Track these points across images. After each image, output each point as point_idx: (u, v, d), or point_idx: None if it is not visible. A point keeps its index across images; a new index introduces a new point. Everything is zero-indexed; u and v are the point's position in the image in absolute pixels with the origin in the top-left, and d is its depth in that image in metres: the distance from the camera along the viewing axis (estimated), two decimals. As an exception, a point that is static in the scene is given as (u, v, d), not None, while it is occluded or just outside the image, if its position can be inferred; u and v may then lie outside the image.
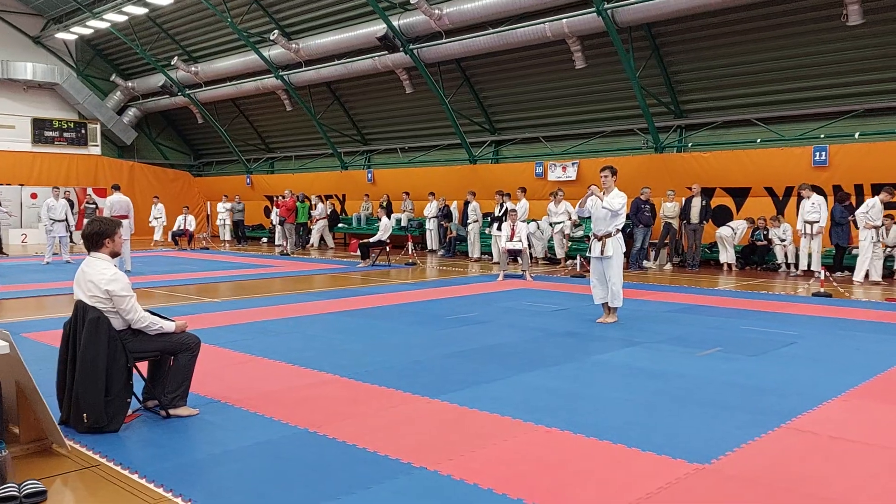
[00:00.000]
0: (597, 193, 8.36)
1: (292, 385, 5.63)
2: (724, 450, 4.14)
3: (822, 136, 14.90)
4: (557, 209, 16.53)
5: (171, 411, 4.72)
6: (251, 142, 28.36)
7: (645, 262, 15.65)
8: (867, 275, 12.71)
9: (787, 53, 14.84)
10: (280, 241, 21.70)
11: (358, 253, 16.99)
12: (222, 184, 28.67)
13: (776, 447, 4.22)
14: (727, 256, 14.98)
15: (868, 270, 12.86)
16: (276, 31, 21.29)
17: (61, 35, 26.07)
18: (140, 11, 22.44)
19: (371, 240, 16.60)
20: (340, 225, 23.50)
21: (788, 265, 14.45)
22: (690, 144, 16.98)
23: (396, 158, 23.49)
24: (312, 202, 22.74)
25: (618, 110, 17.93)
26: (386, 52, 19.33)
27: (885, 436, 4.42)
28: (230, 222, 25.26)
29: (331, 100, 23.45)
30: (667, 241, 15.93)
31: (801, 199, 13.64)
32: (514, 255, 14.08)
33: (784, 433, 4.47)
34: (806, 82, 15.07)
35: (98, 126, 28.03)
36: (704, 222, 15.18)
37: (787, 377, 5.85)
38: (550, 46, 17.35)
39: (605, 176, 8.43)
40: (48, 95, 27.44)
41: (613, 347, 7.10)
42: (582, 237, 16.27)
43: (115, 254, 4.79)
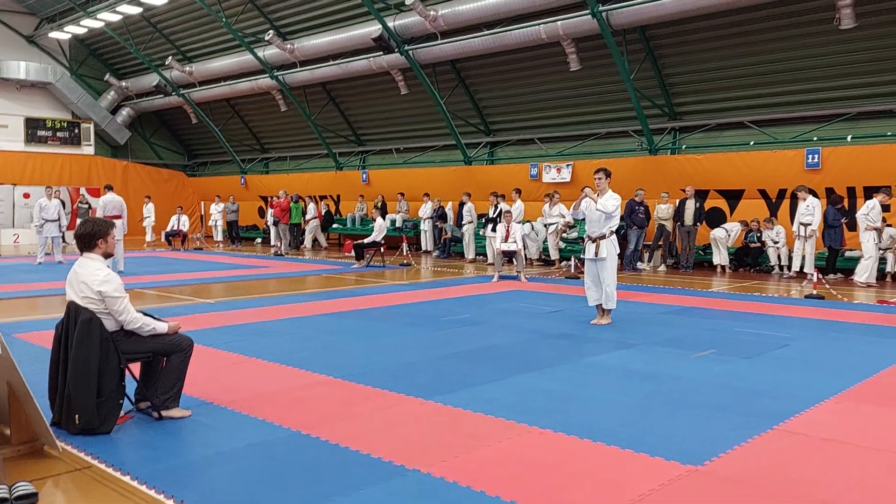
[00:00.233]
0: (591, 195, 8.38)
1: (286, 386, 5.61)
2: (718, 451, 4.15)
3: (815, 139, 14.96)
4: (552, 211, 16.55)
5: (164, 413, 4.70)
6: (246, 142, 28.31)
7: (639, 264, 15.68)
8: (878, 276, 12.73)
9: (781, 57, 14.90)
10: (274, 242, 21.67)
11: (352, 254, 16.97)
12: (216, 184, 28.61)
13: (769, 449, 4.23)
14: (721, 258, 15.03)
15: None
16: (271, 32, 21.25)
17: (55, 34, 25.96)
18: (134, 11, 22.37)
19: (366, 241, 16.59)
20: (335, 226, 23.48)
21: (781, 267, 14.49)
22: (684, 146, 17.03)
23: (391, 159, 23.48)
24: (305, 203, 22.73)
25: (612, 112, 17.96)
26: (381, 53, 19.31)
27: (877, 438, 4.43)
28: (222, 223, 25.20)
29: (326, 100, 23.44)
30: (660, 243, 15.96)
31: (798, 201, 13.69)
32: (509, 257, 14.09)
33: (777, 435, 4.48)
34: (799, 85, 15.13)
35: (91, 126, 27.93)
36: (698, 224, 15.23)
37: (781, 379, 5.87)
38: (545, 48, 17.38)
39: (599, 178, 8.44)
40: (41, 95, 27.34)
41: (608, 349, 7.11)
42: (576, 239, 16.30)
43: (108, 254, 4.77)
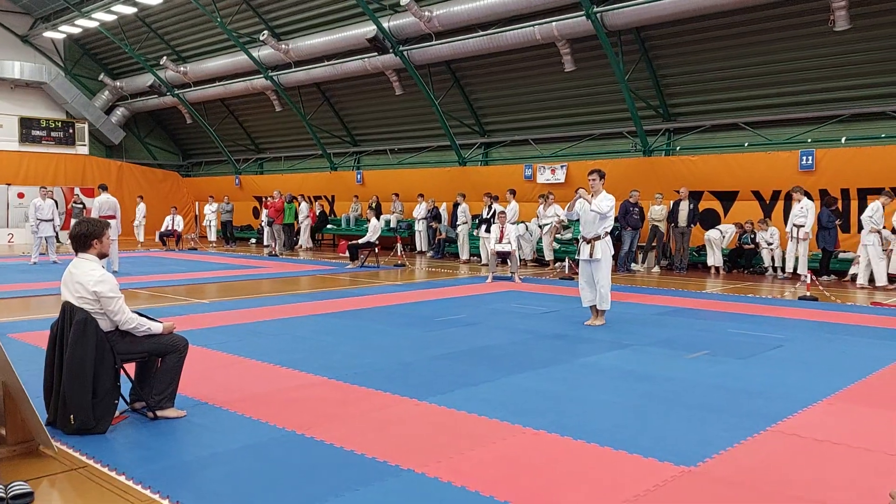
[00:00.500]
0: (585, 196, 8.40)
1: (280, 387, 5.62)
2: (711, 452, 4.17)
3: (809, 141, 15.02)
4: (547, 212, 16.57)
5: (159, 413, 4.70)
6: (240, 142, 28.27)
7: (633, 265, 15.72)
8: (870, 278, 12.76)
9: (775, 58, 14.95)
10: (268, 242, 21.64)
11: (347, 254, 16.97)
12: (211, 184, 28.56)
13: (763, 450, 4.25)
14: (715, 259, 15.08)
15: (857, 274, 12.97)
16: (266, 32, 21.24)
17: (49, 34, 25.89)
18: (129, 11, 22.31)
19: (360, 241, 16.57)
20: (329, 226, 23.46)
21: (775, 269, 14.54)
22: (679, 148, 17.08)
23: (386, 160, 23.48)
24: (298, 203, 22.72)
25: (607, 113, 18.00)
26: (376, 54, 19.32)
27: (870, 438, 4.46)
28: (216, 223, 25.14)
29: (320, 101, 23.42)
30: (654, 244, 16.01)
31: (792, 203, 13.75)
32: (504, 257, 14.11)
33: (770, 436, 4.50)
34: (793, 87, 15.18)
35: (86, 125, 27.85)
36: (692, 225, 15.27)
37: (774, 380, 5.90)
38: (540, 49, 17.40)
39: (594, 179, 8.46)
40: (36, 94, 27.25)
41: (602, 350, 7.12)
42: (570, 240, 16.32)
43: (103, 255, 4.77)
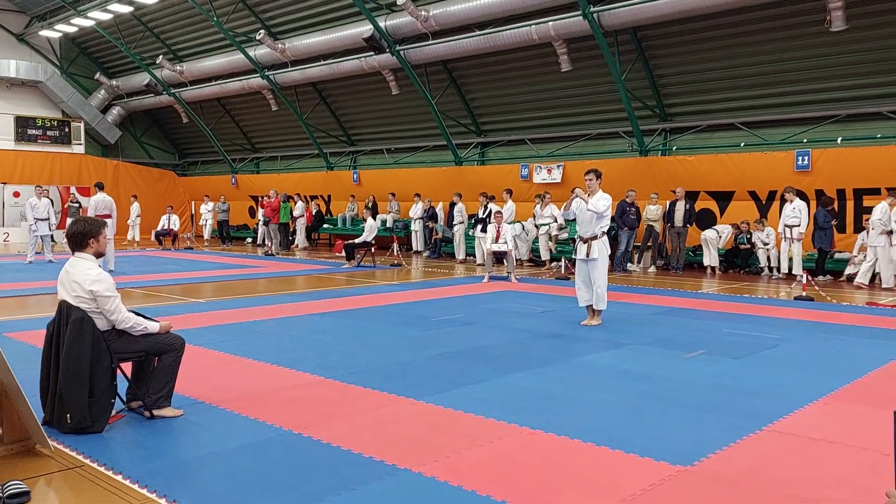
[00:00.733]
0: (581, 196, 8.40)
1: (277, 386, 5.62)
2: (708, 452, 4.18)
3: (805, 141, 15.05)
4: (543, 212, 16.58)
5: (156, 412, 4.70)
6: (237, 141, 28.23)
7: (629, 265, 15.74)
8: (870, 279, 12.79)
9: (771, 58, 14.99)
10: (263, 241, 21.62)
11: (343, 254, 16.96)
12: (207, 183, 28.52)
13: (759, 449, 4.26)
14: (711, 259, 15.11)
15: (852, 273, 13.01)
16: (262, 31, 21.22)
17: (45, 33, 25.83)
18: (125, 10, 22.29)
19: (356, 241, 16.56)
20: (326, 226, 23.45)
21: (771, 269, 14.57)
22: (675, 148, 17.10)
23: (382, 159, 23.48)
24: (294, 202, 22.72)
25: (603, 113, 18.02)
26: (372, 53, 19.32)
27: (866, 437, 4.48)
28: (212, 222, 25.08)
29: (317, 100, 23.41)
30: (649, 244, 16.04)
31: (784, 203, 13.77)
32: (500, 257, 14.11)
33: (767, 435, 4.52)
34: (789, 87, 15.22)
35: (82, 124, 27.79)
36: (688, 225, 15.29)
37: (770, 380, 5.91)
38: (536, 49, 17.42)
39: (590, 179, 8.46)
40: (31, 93, 27.19)
41: (598, 349, 7.13)
42: (567, 240, 16.34)
43: (100, 254, 4.76)
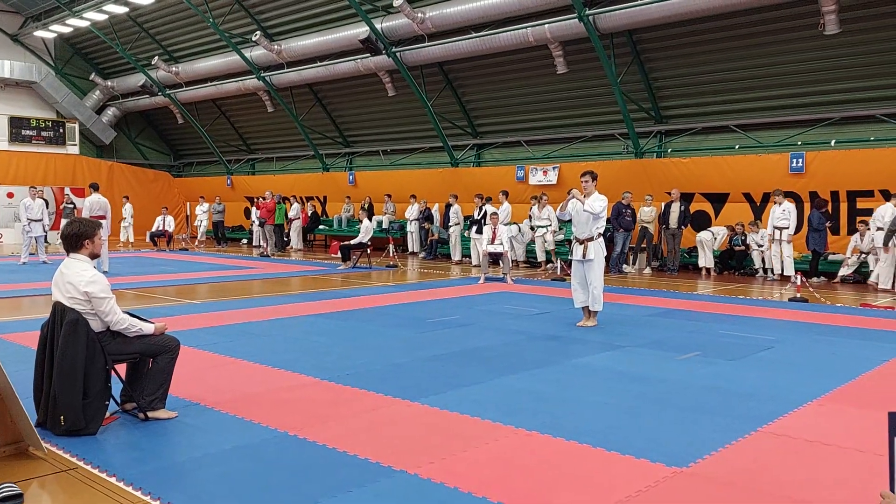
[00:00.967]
0: (578, 196, 8.42)
1: (272, 388, 5.61)
2: (703, 453, 4.18)
3: (799, 143, 15.10)
4: (541, 214, 16.57)
5: (150, 414, 4.69)
6: (232, 142, 28.19)
7: (624, 267, 15.76)
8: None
9: (766, 61, 15.04)
10: (259, 243, 21.59)
11: (339, 255, 16.94)
12: (202, 184, 28.46)
13: (753, 450, 4.27)
14: (706, 261, 15.14)
15: (849, 275, 13.05)
16: (259, 32, 21.19)
17: (40, 33, 25.74)
18: (120, 10, 22.22)
19: (352, 242, 16.56)
20: (321, 227, 23.42)
21: (766, 270, 14.62)
22: (670, 150, 17.14)
23: (378, 161, 23.47)
24: (290, 203, 22.68)
25: (599, 115, 18.05)
26: (368, 55, 19.31)
27: (860, 439, 4.49)
28: (207, 223, 25.03)
29: (313, 101, 23.39)
30: (643, 246, 16.06)
31: (773, 205, 13.85)
32: (496, 259, 14.12)
33: (761, 437, 4.53)
34: (784, 90, 15.27)
35: (76, 125, 27.70)
36: (683, 227, 15.33)
37: (765, 381, 5.92)
38: (533, 51, 17.43)
39: (586, 181, 8.48)
40: (26, 94, 27.09)
41: (594, 351, 7.14)
42: (563, 241, 16.35)
43: (95, 255, 4.75)
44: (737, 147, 16.00)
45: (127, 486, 3.64)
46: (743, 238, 15.04)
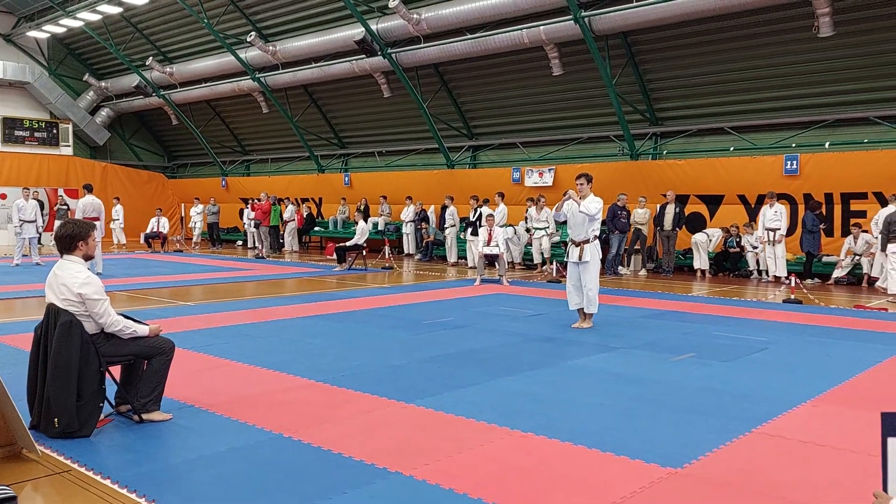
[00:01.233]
0: (574, 198, 8.43)
1: (267, 389, 5.60)
2: (697, 454, 4.19)
3: (794, 146, 15.15)
4: (540, 216, 16.54)
5: (144, 416, 4.67)
6: (227, 144, 28.15)
7: (620, 268, 15.78)
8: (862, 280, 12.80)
9: (760, 63, 15.08)
10: (254, 244, 21.55)
11: (334, 257, 16.92)
12: (197, 186, 28.40)
13: (748, 451, 4.28)
14: (701, 262, 15.18)
15: (843, 277, 13.08)
16: (253, 33, 21.17)
17: (33, 33, 25.66)
18: (114, 11, 22.16)
19: (348, 243, 16.54)
20: (317, 228, 23.40)
21: (760, 272, 14.66)
22: (665, 152, 17.17)
23: (374, 162, 23.46)
24: (284, 205, 22.66)
25: (594, 117, 18.08)
26: (364, 56, 19.30)
27: (853, 440, 4.50)
28: (202, 225, 24.97)
29: (308, 103, 23.37)
30: (637, 247, 16.09)
31: (765, 206, 13.90)
32: (491, 260, 14.12)
33: (755, 438, 4.54)
34: (778, 92, 15.32)
35: (70, 126, 27.61)
36: (678, 229, 15.36)
37: (759, 383, 5.94)
38: (528, 53, 17.46)
39: (581, 184, 8.50)
40: (19, 94, 26.99)
41: (589, 352, 7.15)
42: (558, 243, 16.36)
43: (89, 257, 4.73)
44: (731, 149, 16.04)
45: (121, 489, 3.63)
46: (738, 240, 15.08)
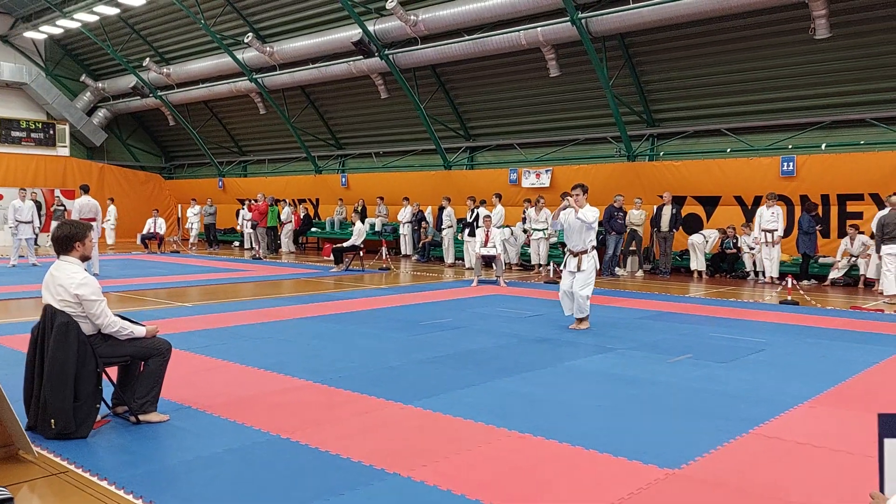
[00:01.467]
0: (572, 204, 8.44)
1: (265, 391, 5.59)
2: (694, 455, 4.19)
3: (790, 147, 15.18)
4: (539, 217, 16.51)
5: (141, 417, 4.66)
6: (224, 144, 28.12)
7: (617, 270, 15.79)
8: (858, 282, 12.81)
9: (757, 65, 15.11)
10: (250, 245, 21.52)
11: (331, 258, 16.91)
12: (194, 186, 28.37)
13: (744, 452, 4.29)
14: (698, 264, 15.20)
15: (839, 278, 13.11)
16: (251, 34, 21.16)
17: (30, 34, 25.62)
18: (111, 11, 22.14)
19: (345, 244, 16.54)
20: (314, 229, 23.39)
21: (757, 273, 14.68)
22: (662, 153, 17.20)
23: (371, 163, 23.46)
24: (281, 206, 22.64)
25: (591, 118, 18.10)
26: (361, 57, 19.30)
27: (850, 441, 4.51)
28: (199, 226, 24.94)
29: (305, 103, 23.36)
30: (633, 249, 16.10)
31: (762, 208, 13.94)
32: (489, 261, 14.13)
33: (752, 439, 4.54)
34: (775, 94, 15.35)
35: (67, 127, 27.56)
36: (674, 230, 15.38)
37: (756, 384, 5.95)
38: (525, 54, 17.47)
39: (577, 194, 8.50)
40: (16, 95, 26.94)
41: (586, 353, 7.15)
42: (556, 244, 16.36)
43: (86, 258, 4.73)
44: (728, 150, 16.07)
45: (118, 490, 3.63)
46: (734, 241, 15.10)
